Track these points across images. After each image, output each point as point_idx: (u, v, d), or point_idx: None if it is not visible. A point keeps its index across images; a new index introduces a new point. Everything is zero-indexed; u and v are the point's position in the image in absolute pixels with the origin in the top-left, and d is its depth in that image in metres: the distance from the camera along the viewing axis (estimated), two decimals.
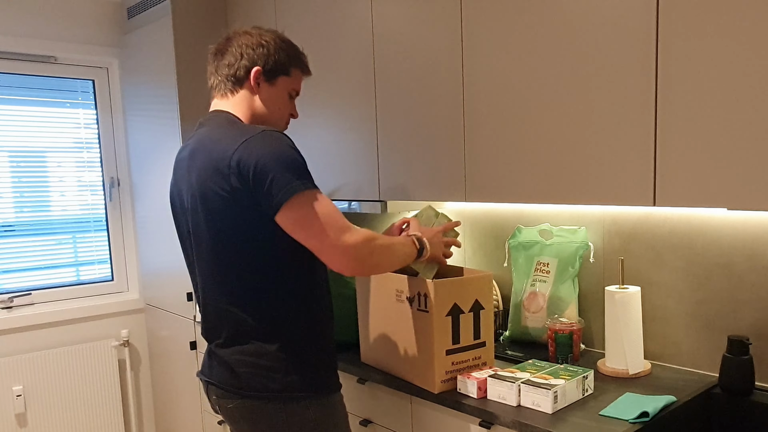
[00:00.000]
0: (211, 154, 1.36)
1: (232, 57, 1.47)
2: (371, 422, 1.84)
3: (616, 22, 1.42)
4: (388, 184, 2.05)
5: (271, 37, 1.49)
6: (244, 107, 1.48)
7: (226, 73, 1.48)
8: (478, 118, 1.74)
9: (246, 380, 1.40)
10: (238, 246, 1.38)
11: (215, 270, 1.42)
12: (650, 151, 1.39)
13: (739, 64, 1.24)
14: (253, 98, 1.49)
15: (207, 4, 2.62)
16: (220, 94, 1.50)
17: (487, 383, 1.53)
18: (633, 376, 1.67)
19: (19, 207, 2.83)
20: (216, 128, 1.42)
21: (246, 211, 1.34)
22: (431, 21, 1.83)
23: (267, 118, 1.51)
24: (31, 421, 2.76)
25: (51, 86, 2.88)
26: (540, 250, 1.98)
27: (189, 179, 1.43)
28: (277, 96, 1.51)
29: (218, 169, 1.34)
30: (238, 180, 1.31)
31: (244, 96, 1.48)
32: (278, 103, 1.52)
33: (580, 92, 1.50)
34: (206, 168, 1.37)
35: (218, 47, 1.50)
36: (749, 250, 1.59)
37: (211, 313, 1.47)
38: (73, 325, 2.92)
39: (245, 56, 1.46)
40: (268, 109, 1.50)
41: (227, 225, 1.37)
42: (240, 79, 1.47)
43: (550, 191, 1.60)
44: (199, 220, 1.41)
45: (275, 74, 1.49)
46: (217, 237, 1.39)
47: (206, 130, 1.44)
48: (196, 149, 1.42)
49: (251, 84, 1.47)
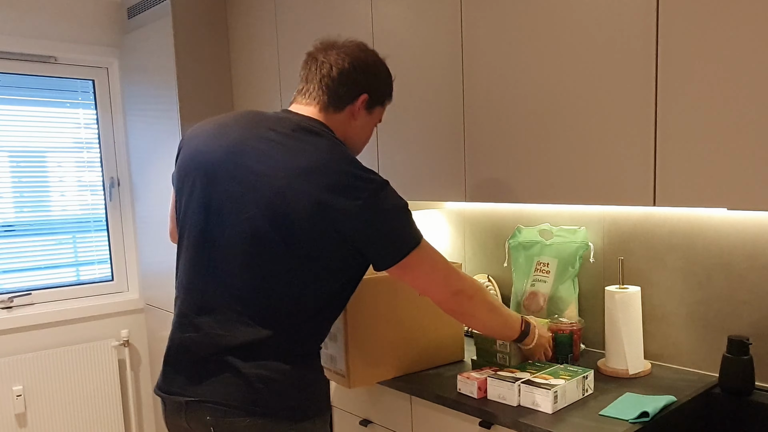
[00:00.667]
0: (323, 168, 1.26)
1: (343, 74, 1.39)
2: (371, 422, 1.84)
3: (616, 22, 1.42)
4: None
5: (382, 64, 1.46)
6: (338, 128, 1.41)
7: (332, 87, 1.39)
8: (478, 118, 1.74)
9: (262, 397, 1.28)
10: (290, 257, 1.27)
11: (250, 273, 1.29)
12: (650, 151, 1.39)
13: (739, 64, 1.24)
14: (349, 122, 1.43)
15: (207, 4, 2.62)
16: (316, 104, 1.40)
17: (487, 383, 1.53)
18: (633, 376, 1.67)
19: (19, 207, 2.83)
20: (330, 144, 1.31)
21: (344, 239, 1.28)
22: (431, 21, 1.83)
23: (353, 144, 1.47)
24: (31, 421, 2.76)
25: (51, 86, 2.88)
26: (540, 250, 1.98)
27: (265, 170, 1.28)
28: (369, 124, 1.48)
29: (338, 186, 1.25)
30: (358, 217, 1.25)
31: (342, 118, 1.41)
32: (367, 130, 1.49)
33: (580, 92, 1.50)
34: (311, 171, 1.25)
35: (326, 54, 1.40)
36: (749, 250, 1.59)
37: (213, 319, 1.32)
38: (73, 325, 2.92)
39: (357, 79, 1.40)
40: (359, 136, 1.47)
41: (303, 236, 1.26)
42: (345, 100, 1.40)
43: (550, 191, 1.60)
44: (263, 219, 1.27)
45: (376, 103, 1.46)
46: (281, 243, 1.27)
47: (312, 139, 1.31)
48: (281, 142, 1.30)
49: (355, 108, 1.42)
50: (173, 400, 1.34)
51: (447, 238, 2.36)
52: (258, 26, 2.52)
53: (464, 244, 2.29)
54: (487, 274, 2.21)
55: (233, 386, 1.28)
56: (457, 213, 2.31)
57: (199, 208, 1.35)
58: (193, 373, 1.32)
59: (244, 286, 1.30)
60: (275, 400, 1.29)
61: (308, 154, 1.28)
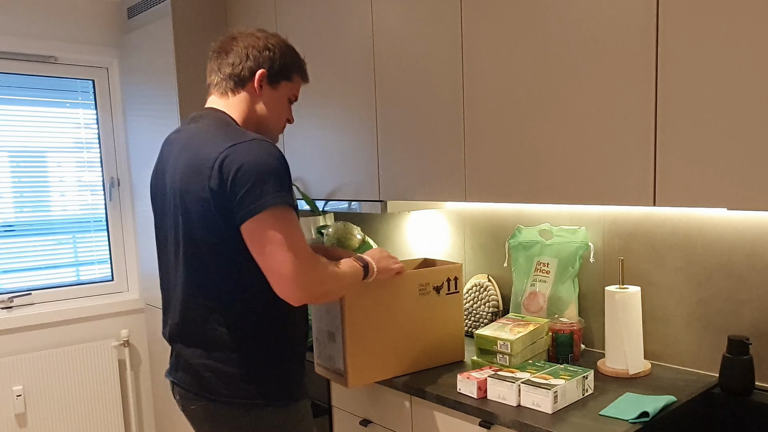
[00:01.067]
0: (198, 154, 1.35)
1: (236, 57, 1.45)
2: (371, 422, 1.84)
3: (616, 22, 1.42)
4: (388, 184, 2.05)
5: (276, 42, 1.49)
6: (242, 109, 1.47)
7: (229, 72, 1.46)
8: (478, 118, 1.74)
9: (210, 384, 1.40)
10: (210, 251, 1.36)
11: (188, 271, 1.41)
12: (650, 151, 1.39)
13: (739, 64, 1.24)
14: (253, 100, 1.48)
15: (207, 4, 2.62)
16: (219, 93, 1.49)
17: (487, 383, 1.53)
18: (633, 376, 1.67)
19: (19, 207, 2.83)
20: (208, 128, 1.40)
21: (220, 215, 1.32)
22: (431, 21, 1.83)
23: (265, 122, 1.50)
24: (31, 421, 2.76)
25: (51, 86, 2.88)
26: (540, 250, 1.98)
27: (173, 175, 1.42)
28: (277, 100, 1.51)
29: (201, 170, 1.33)
30: (217, 182, 1.30)
31: (243, 97, 1.47)
32: (278, 106, 1.51)
33: (580, 92, 1.50)
34: (190, 167, 1.36)
35: (222, 45, 1.49)
36: (749, 250, 1.59)
37: (179, 313, 1.46)
38: (73, 325, 2.92)
39: (251, 58, 1.45)
40: (268, 113, 1.50)
41: (201, 227, 1.35)
42: (243, 80, 1.46)
43: (550, 191, 1.60)
44: (178, 219, 1.41)
45: (278, 78, 1.49)
46: (191, 239, 1.38)
47: (198, 128, 1.42)
48: (185, 146, 1.41)
49: (254, 86, 1.46)
50: (168, 379, 1.55)
51: (447, 238, 2.36)
52: (258, 26, 2.52)
53: (464, 244, 2.29)
54: (487, 274, 2.21)
55: (189, 375, 1.44)
56: (457, 213, 2.31)
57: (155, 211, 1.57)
58: (173, 359, 1.52)
59: (192, 281, 1.43)
60: (224, 389, 1.40)
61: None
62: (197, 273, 1.40)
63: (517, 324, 1.77)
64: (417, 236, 2.49)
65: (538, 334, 1.74)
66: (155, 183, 1.53)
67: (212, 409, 1.41)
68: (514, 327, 1.74)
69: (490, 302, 2.12)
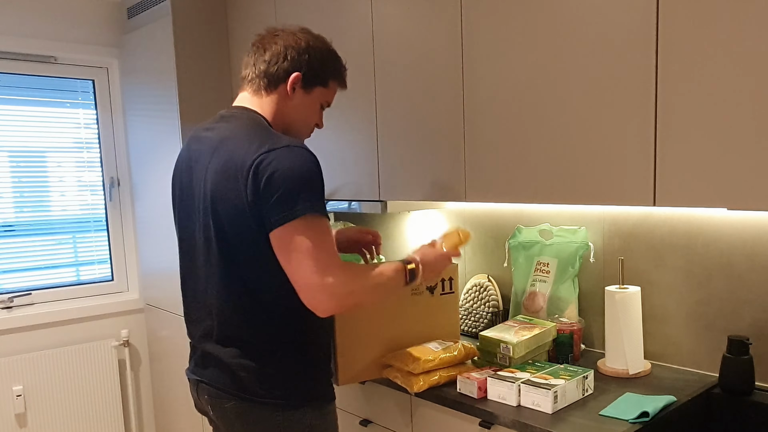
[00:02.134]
0: (232, 158, 1.32)
1: (273, 55, 1.42)
2: (371, 422, 1.84)
3: (616, 22, 1.42)
4: (388, 184, 2.05)
5: (318, 45, 1.46)
6: (273, 109, 1.44)
7: (264, 69, 1.43)
8: (478, 118, 1.74)
9: (245, 384, 1.39)
10: (247, 255, 1.35)
11: (224, 274, 1.39)
12: (650, 151, 1.39)
13: (739, 64, 1.24)
14: (284, 102, 1.45)
15: (207, 4, 2.62)
16: (252, 90, 1.46)
17: (487, 383, 1.53)
18: (633, 376, 1.67)
19: (19, 207, 2.83)
20: (241, 130, 1.37)
21: (254, 221, 1.31)
22: (431, 21, 1.83)
23: (293, 125, 1.48)
24: (31, 421, 2.76)
25: (51, 86, 2.88)
26: (540, 250, 1.98)
27: (204, 176, 1.39)
28: (309, 105, 1.48)
29: (235, 175, 1.31)
30: (252, 189, 1.28)
31: (276, 98, 1.44)
32: (308, 111, 1.49)
33: (580, 92, 1.50)
34: (224, 171, 1.33)
35: (262, 40, 1.45)
36: (749, 250, 1.59)
37: (215, 315, 1.43)
38: (73, 325, 2.92)
39: (288, 59, 1.42)
40: (297, 116, 1.47)
41: (237, 233, 1.33)
42: (276, 80, 1.43)
43: (550, 191, 1.60)
44: (209, 223, 1.38)
45: (314, 83, 1.46)
46: (226, 243, 1.36)
47: (230, 128, 1.39)
48: (217, 148, 1.38)
49: (287, 88, 1.44)
50: (191, 378, 1.52)
51: None
52: (258, 26, 2.52)
53: None
54: (487, 274, 2.21)
55: (222, 373, 1.42)
56: (457, 213, 2.31)
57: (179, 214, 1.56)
58: (199, 356, 1.49)
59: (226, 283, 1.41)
60: (259, 389, 1.38)
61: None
62: (234, 277, 1.37)
63: (523, 326, 1.77)
64: (417, 236, 2.49)
65: (543, 337, 1.74)
66: (180, 180, 1.49)
67: (246, 408, 1.39)
68: (520, 329, 1.74)
69: (490, 302, 2.12)
